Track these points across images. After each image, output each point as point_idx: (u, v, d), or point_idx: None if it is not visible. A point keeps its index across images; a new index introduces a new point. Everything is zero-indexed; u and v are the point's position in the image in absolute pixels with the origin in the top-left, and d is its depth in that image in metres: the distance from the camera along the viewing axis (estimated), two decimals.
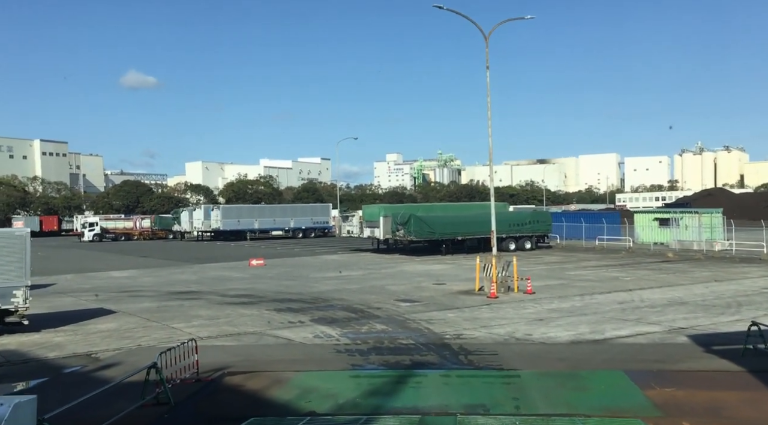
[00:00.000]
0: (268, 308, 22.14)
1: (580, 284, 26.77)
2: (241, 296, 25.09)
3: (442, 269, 34.32)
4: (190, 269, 36.96)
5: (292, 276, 32.15)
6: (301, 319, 19.91)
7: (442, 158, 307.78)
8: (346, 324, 18.94)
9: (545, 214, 47.81)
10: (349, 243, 57.02)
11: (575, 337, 16.52)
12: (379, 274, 32.33)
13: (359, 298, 24.12)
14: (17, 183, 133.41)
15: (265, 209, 77.40)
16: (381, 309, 21.51)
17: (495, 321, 19.09)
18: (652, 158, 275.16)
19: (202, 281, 30.63)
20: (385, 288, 26.79)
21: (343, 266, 37.36)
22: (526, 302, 22.54)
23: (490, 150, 25.24)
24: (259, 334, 17.71)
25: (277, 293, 25.80)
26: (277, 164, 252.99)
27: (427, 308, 21.67)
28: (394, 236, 42.71)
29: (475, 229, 42.59)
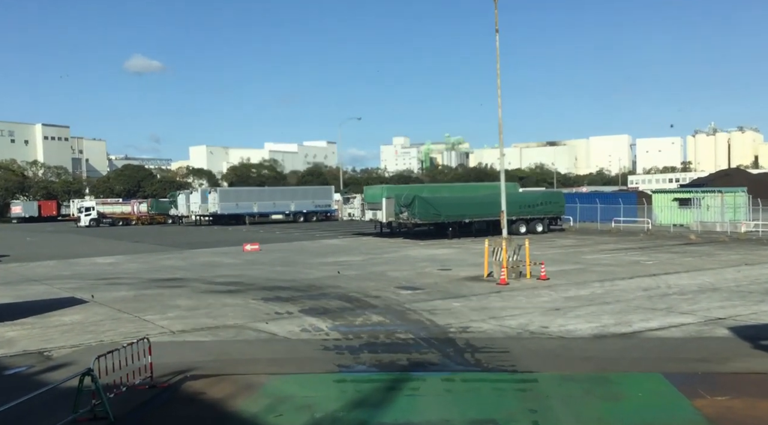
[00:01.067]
0: (255, 297, 20.10)
1: (599, 269, 24.60)
2: (228, 284, 23.07)
3: (447, 253, 32.21)
4: (180, 255, 34.96)
5: (287, 262, 30.11)
6: (290, 310, 17.85)
7: (450, 141, 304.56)
8: (339, 316, 16.87)
9: (558, 194, 45.43)
10: (351, 227, 54.92)
11: (599, 330, 14.38)
12: (380, 259, 30.24)
13: (356, 286, 22.06)
14: (16, 168, 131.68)
15: (264, 192, 74.79)
16: (379, 298, 19.44)
17: (506, 311, 16.98)
18: (665, 140, 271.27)
19: (190, 268, 28.63)
20: (386, 275, 24.71)
21: (344, 251, 35.30)
22: (540, 289, 20.40)
23: (499, 121, 23.03)
24: (240, 327, 15.67)
25: (268, 281, 23.76)
26: (283, 147, 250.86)
27: (430, 296, 19.58)
28: (398, 218, 40.51)
29: (484, 211, 40.39)
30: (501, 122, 23.27)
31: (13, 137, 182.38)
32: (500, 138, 22.94)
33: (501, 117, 23.26)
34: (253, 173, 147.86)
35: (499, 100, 23.27)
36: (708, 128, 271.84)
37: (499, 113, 23.32)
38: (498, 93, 23.18)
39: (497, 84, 23.39)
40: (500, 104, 23.29)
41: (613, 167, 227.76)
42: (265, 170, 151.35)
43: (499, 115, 23.15)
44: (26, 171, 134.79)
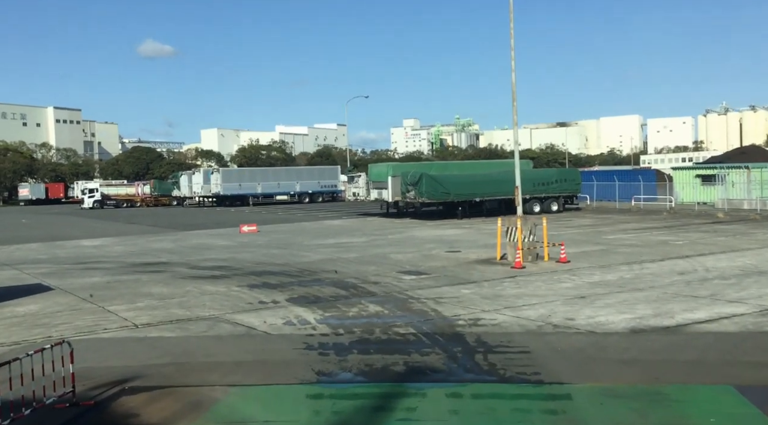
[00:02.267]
0: (241, 283, 17.92)
1: (624, 251, 22.25)
2: (214, 268, 20.90)
3: (457, 234, 29.91)
4: (172, 237, 32.85)
5: (284, 244, 27.91)
6: (276, 298, 15.65)
7: (460, 123, 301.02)
8: (331, 305, 14.65)
9: (574, 172, 42.87)
10: (357, 207, 52.66)
11: (635, 323, 12.08)
12: (383, 241, 27.98)
13: (355, 270, 19.83)
14: (25, 150, 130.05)
15: (268, 172, 72.06)
16: (379, 284, 17.21)
17: (523, 299, 14.70)
18: (676, 119, 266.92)
19: (178, 250, 26.49)
20: (388, 257, 22.46)
21: (346, 232, 33.06)
22: (561, 273, 18.10)
23: (513, 86, 20.62)
24: (214, 320, 13.48)
25: (258, 264, 21.58)
26: (293, 130, 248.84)
27: (437, 282, 17.32)
28: (404, 198, 38.13)
29: (495, 189, 38.03)
30: (515, 86, 20.86)
31: (25, 120, 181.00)
32: (514, 105, 20.51)
33: (515, 81, 20.85)
34: (262, 154, 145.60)
35: (512, 63, 20.84)
36: (719, 108, 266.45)
37: (512, 77, 20.91)
38: (511, 54, 20.73)
39: (510, 44, 20.94)
40: (514, 67, 20.85)
41: (624, 147, 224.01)
42: (274, 152, 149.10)
43: (512, 79, 20.73)
44: (35, 153, 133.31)
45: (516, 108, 20.52)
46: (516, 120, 20.87)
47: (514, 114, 20.66)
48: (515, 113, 20.53)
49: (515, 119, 20.92)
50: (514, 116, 20.69)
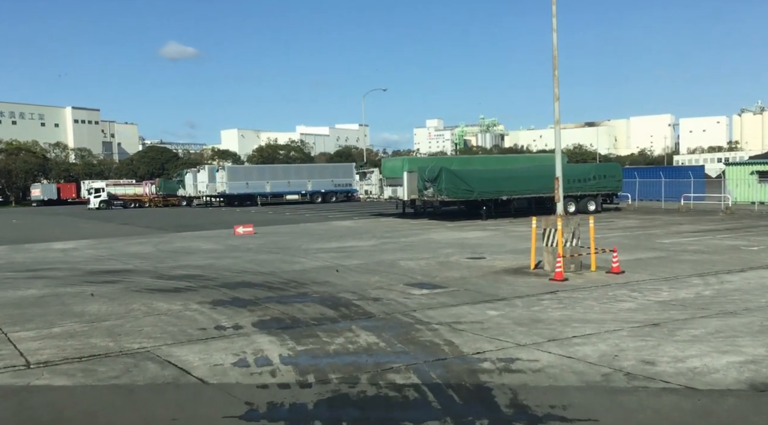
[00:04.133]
0: (205, 299, 14.08)
1: (689, 258, 18.07)
2: (182, 278, 17.10)
3: (480, 237, 25.85)
4: (158, 239, 29.17)
5: (279, 248, 24.07)
6: (240, 321, 11.78)
7: (485, 123, 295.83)
8: (310, 333, 10.76)
9: (614, 167, 38.38)
10: (372, 207, 48.72)
11: (752, 372, 8.03)
12: (395, 244, 24.02)
13: (353, 281, 15.91)
14: (38, 149, 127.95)
15: (278, 170, 67.67)
16: (380, 301, 13.28)
17: (572, 326, 10.67)
18: (709, 119, 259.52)
19: (154, 256, 22.77)
20: (397, 265, 18.51)
21: (354, 234, 29.14)
22: (615, 288, 14.02)
23: (554, 54, 16.62)
24: (141, 356, 9.65)
25: (238, 273, 17.74)
26: (314, 130, 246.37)
27: (454, 298, 13.34)
28: (421, 196, 34.05)
29: (525, 186, 33.91)
30: (556, 59, 16.81)
31: (44, 121, 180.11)
32: (555, 74, 16.47)
33: (557, 53, 16.81)
34: (280, 154, 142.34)
35: (554, 39, 16.81)
36: (755, 107, 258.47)
37: (554, 47, 16.88)
38: (553, 35, 16.71)
39: (552, 11, 16.91)
40: (555, 43, 16.83)
41: (656, 147, 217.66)
42: (293, 152, 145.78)
43: (554, 46, 16.70)
44: (48, 153, 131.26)
45: (557, 77, 16.47)
46: (557, 93, 16.82)
47: (555, 86, 16.63)
48: (556, 84, 16.48)
49: (556, 92, 16.88)
50: (555, 89, 16.66)
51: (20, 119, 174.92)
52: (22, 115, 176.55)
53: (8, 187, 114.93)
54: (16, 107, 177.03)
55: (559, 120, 16.72)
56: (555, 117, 17.03)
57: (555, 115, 17.09)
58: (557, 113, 16.97)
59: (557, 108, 17.00)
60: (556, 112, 17.10)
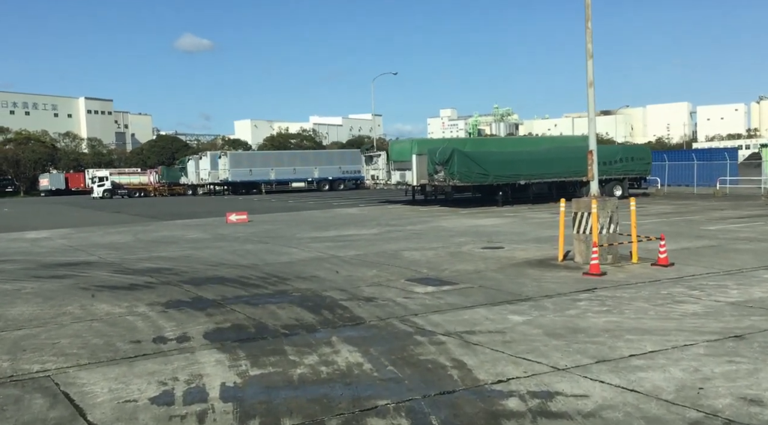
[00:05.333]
0: (160, 298, 11.46)
1: (745, 247, 15.20)
2: (145, 272, 14.48)
3: (497, 224, 23.04)
4: (142, 228, 26.62)
5: (269, 236, 21.42)
6: (189, 331, 9.13)
7: (499, 112, 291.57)
8: (274, 348, 8.12)
9: (643, 150, 35.26)
10: (381, 195, 45.96)
11: None
12: (399, 233, 21.29)
13: (346, 276, 13.21)
14: (48, 139, 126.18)
15: (283, 156, 64.43)
16: (374, 302, 10.58)
17: (624, 339, 7.93)
18: (727, 106, 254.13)
19: (128, 246, 20.19)
20: (400, 256, 15.79)
21: (357, 222, 26.42)
22: (669, 284, 11.22)
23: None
24: (33, 384, 7.05)
25: (213, 267, 15.09)
26: (327, 120, 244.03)
27: (467, 298, 10.61)
28: (432, 180, 31.20)
29: (545, 169, 31.04)
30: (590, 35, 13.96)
31: (57, 111, 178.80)
32: (588, 26, 13.62)
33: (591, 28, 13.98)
34: (291, 143, 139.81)
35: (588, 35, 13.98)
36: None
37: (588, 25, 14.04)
38: None
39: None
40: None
41: (674, 135, 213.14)
42: (305, 141, 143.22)
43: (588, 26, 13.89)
44: (58, 143, 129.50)
45: (590, 30, 13.63)
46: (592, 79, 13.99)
47: (589, 72, 13.84)
48: (590, 37, 13.65)
49: (590, 78, 14.07)
50: (589, 74, 13.86)
51: (33, 110, 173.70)
52: (35, 105, 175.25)
53: (17, 177, 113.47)
54: (29, 98, 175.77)
55: (593, 82, 13.84)
56: (589, 104, 14.17)
57: (588, 69, 14.22)
58: (591, 67, 14.10)
59: (591, 94, 14.10)
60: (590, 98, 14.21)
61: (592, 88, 13.73)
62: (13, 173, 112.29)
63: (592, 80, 13.69)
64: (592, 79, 13.68)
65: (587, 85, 13.72)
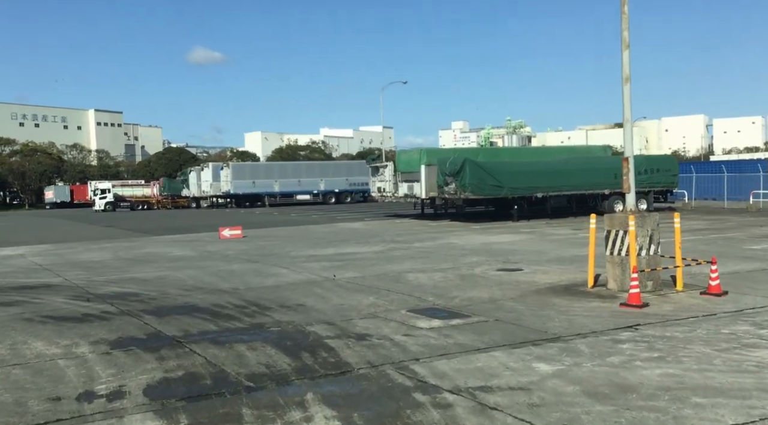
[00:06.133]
0: (110, 334, 9.54)
1: None
2: (107, 299, 12.55)
3: (512, 241, 20.99)
4: (126, 244, 24.75)
5: (261, 254, 19.47)
6: (127, 383, 7.17)
7: (511, 125, 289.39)
8: (231, 410, 6.17)
9: (669, 160, 33.04)
10: (389, 208, 43.99)
11: None
12: (405, 251, 19.27)
13: (337, 304, 11.24)
14: (54, 151, 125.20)
15: (287, 168, 62.13)
16: (366, 341, 8.62)
17: (691, 402, 5.90)
18: (744, 119, 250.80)
19: (102, 265, 18.29)
20: (403, 279, 13.79)
21: (359, 237, 24.44)
22: (728, 320, 9.17)
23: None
24: None
25: (187, 292, 13.14)
26: (338, 133, 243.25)
27: (480, 337, 8.61)
28: (442, 193, 29.17)
29: (564, 181, 29.00)
30: None
31: (66, 123, 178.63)
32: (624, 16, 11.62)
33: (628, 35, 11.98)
34: (300, 155, 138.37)
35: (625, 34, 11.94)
36: None
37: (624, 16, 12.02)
38: None
39: None
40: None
41: (690, 148, 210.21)
42: (314, 153, 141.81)
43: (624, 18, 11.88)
44: (65, 155, 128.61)
45: (627, 15, 11.66)
46: (627, 38, 12.00)
47: (624, 28, 11.84)
48: (626, 23, 11.67)
49: (626, 38, 12.09)
50: (624, 32, 11.86)
51: (43, 122, 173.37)
52: (44, 117, 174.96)
53: (22, 189, 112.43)
54: (38, 110, 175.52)
55: (629, 77, 11.84)
56: (624, 102, 12.16)
57: (624, 99, 12.21)
58: (627, 98, 12.09)
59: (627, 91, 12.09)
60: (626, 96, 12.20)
61: (628, 84, 11.73)
62: (18, 185, 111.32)
63: (628, 75, 11.69)
64: (628, 74, 11.69)
65: (623, 80, 11.73)
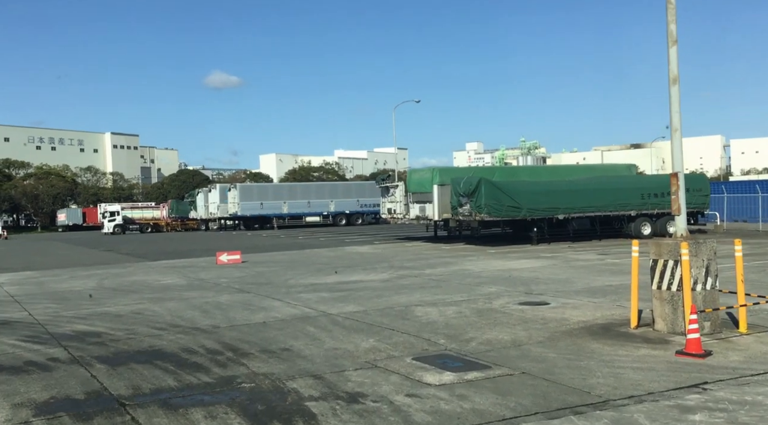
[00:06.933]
0: (45, 391, 7.69)
1: None
2: (63, 340, 10.74)
3: (534, 268, 18.97)
4: (115, 271, 22.99)
5: (256, 283, 17.59)
6: None
7: (526, 146, 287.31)
8: None
9: (700, 179, 30.88)
10: (401, 230, 42.08)
11: None
12: (415, 279, 17.32)
13: (330, 348, 9.32)
14: (68, 174, 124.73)
15: (296, 189, 60.07)
16: (357, 405, 6.69)
17: None
18: (762, 140, 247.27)
19: (81, 296, 16.52)
20: (411, 314, 11.85)
21: (366, 263, 22.52)
22: None
23: None
24: None
25: (158, 331, 11.27)
26: (352, 154, 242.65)
27: (503, 399, 6.63)
28: (456, 215, 27.22)
29: (587, 202, 27.02)
30: None
31: (83, 146, 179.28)
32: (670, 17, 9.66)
33: None
34: (314, 176, 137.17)
35: None
36: None
37: None
38: None
39: None
40: None
41: (708, 168, 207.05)
42: (328, 174, 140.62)
43: None
44: (79, 177, 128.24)
45: (674, 5, 9.74)
46: (676, 73, 10.08)
47: (670, 20, 9.89)
48: (672, 15, 9.76)
49: (674, 72, 10.14)
50: (671, 26, 9.92)
51: (59, 145, 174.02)
52: (61, 141, 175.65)
53: (36, 212, 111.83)
54: (55, 133, 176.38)
55: (677, 78, 9.93)
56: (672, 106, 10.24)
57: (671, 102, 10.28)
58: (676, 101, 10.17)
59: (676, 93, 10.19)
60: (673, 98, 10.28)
61: (676, 85, 9.84)
62: (32, 208, 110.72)
63: (676, 75, 9.80)
64: (676, 74, 9.79)
65: (670, 82, 9.84)
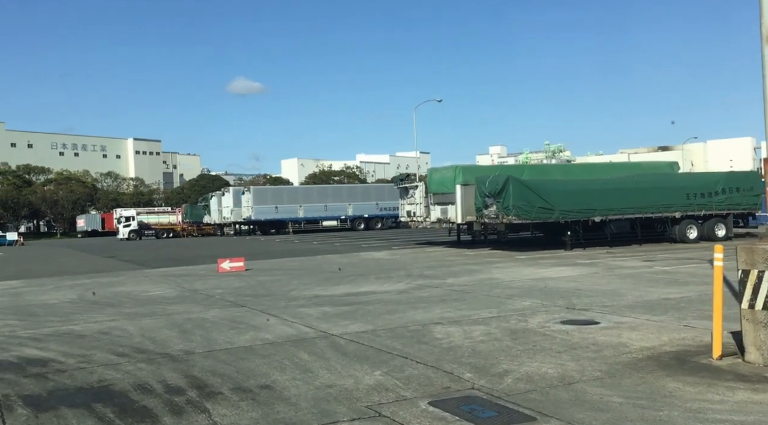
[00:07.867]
0: None
1: None
2: (1, 372, 8.68)
3: (572, 277, 16.62)
4: (105, 280, 21.04)
5: (254, 295, 15.47)
6: None
7: (550, 149, 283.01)
8: None
9: (750, 177, 28.05)
10: (422, 234, 39.82)
11: None
12: (436, 289, 15.08)
13: (323, 385, 7.10)
14: (89, 180, 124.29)
15: (312, 192, 57.68)
16: None
17: None
18: None
19: (53, 310, 14.58)
20: (429, 335, 9.63)
21: (383, 271, 20.29)
22: None
23: None
24: None
25: (118, 358, 9.18)
26: (374, 158, 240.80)
27: None
28: (481, 217, 24.88)
29: (626, 203, 24.56)
30: None
31: (105, 152, 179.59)
32: None
33: None
34: (334, 180, 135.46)
35: None
36: None
37: None
38: None
39: None
40: None
41: None
42: (348, 178, 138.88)
43: None
44: (99, 183, 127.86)
45: None
46: None
47: None
48: None
49: None
50: None
51: (82, 151, 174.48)
52: (84, 146, 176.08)
53: (55, 218, 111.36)
54: (78, 139, 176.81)
55: None
56: None
57: None
58: None
59: None
60: None
61: None
62: (51, 213, 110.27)
63: None
64: None
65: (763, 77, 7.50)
